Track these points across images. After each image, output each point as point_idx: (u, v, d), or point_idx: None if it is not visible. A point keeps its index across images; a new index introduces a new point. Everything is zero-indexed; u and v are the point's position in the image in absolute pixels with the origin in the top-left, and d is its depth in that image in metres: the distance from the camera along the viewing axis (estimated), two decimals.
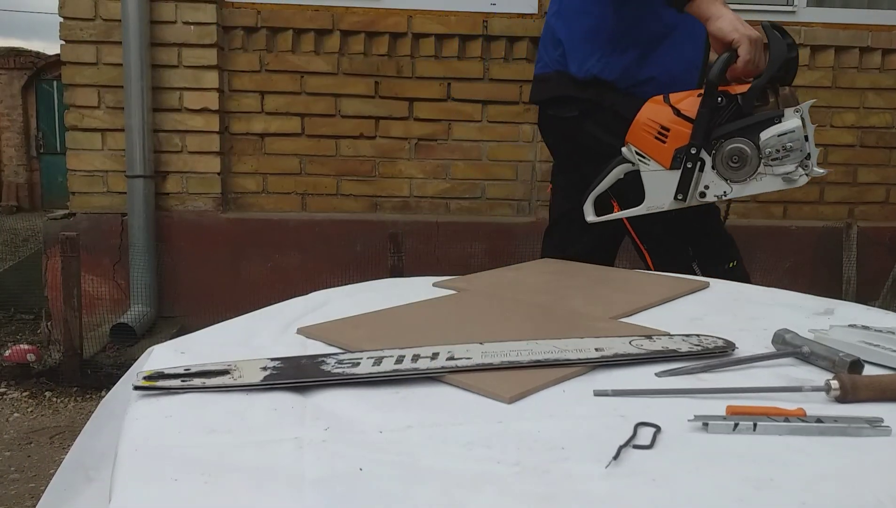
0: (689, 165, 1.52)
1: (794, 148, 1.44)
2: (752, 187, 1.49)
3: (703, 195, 1.53)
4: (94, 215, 3.45)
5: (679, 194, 1.54)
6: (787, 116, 1.46)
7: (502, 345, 0.87)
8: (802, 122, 1.45)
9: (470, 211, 3.65)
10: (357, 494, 0.55)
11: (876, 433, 0.66)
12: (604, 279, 1.39)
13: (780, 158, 1.46)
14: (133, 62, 3.26)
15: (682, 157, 1.53)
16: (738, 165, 1.49)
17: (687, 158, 1.52)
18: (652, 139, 1.56)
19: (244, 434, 0.66)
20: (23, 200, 14.33)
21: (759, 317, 1.09)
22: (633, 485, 0.57)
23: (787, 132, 1.45)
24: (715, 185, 1.51)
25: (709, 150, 1.51)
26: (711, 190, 1.52)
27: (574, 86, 1.82)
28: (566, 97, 1.85)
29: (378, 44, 3.50)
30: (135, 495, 0.56)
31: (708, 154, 1.52)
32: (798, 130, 1.45)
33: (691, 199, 1.54)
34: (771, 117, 1.47)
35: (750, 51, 1.51)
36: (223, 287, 3.42)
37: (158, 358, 0.86)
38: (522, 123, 3.60)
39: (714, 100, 1.50)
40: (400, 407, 0.72)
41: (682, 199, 1.54)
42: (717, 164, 1.51)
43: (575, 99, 1.83)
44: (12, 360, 3.15)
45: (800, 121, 1.45)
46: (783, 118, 1.46)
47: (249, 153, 3.57)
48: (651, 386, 0.78)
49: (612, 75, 1.75)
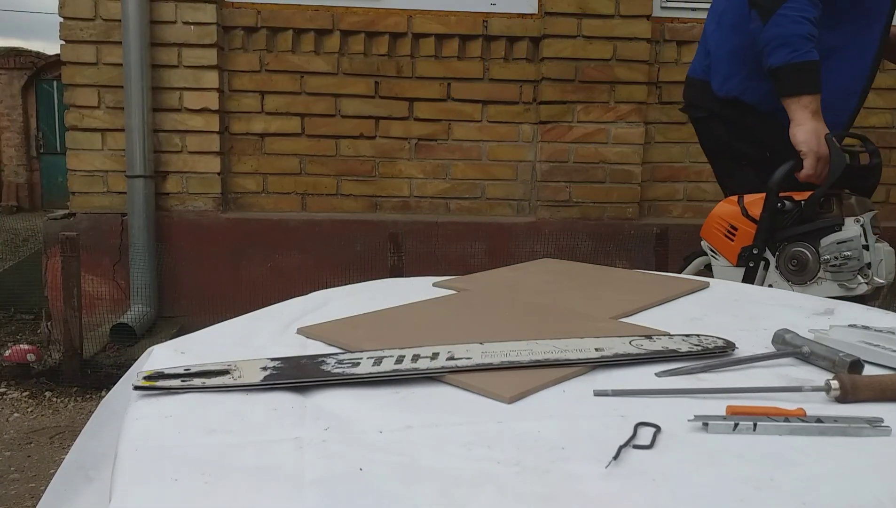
0: (752, 264, 1.62)
1: (852, 257, 1.50)
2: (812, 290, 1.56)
3: None
4: (94, 215, 3.45)
5: None
6: (846, 225, 1.52)
7: (502, 345, 0.87)
8: (863, 231, 1.51)
9: (470, 211, 3.65)
10: (357, 494, 0.55)
11: (876, 433, 0.66)
12: (604, 279, 1.39)
13: (838, 265, 1.52)
14: (133, 62, 3.26)
15: (746, 256, 1.63)
16: (797, 268, 1.58)
17: (749, 257, 1.63)
18: (722, 237, 1.68)
19: (244, 434, 0.66)
20: (23, 200, 14.33)
21: (759, 317, 1.09)
22: (633, 485, 0.57)
23: (845, 240, 1.51)
24: (778, 284, 1.61)
25: (773, 251, 1.61)
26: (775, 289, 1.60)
27: (715, 101, 1.84)
28: (704, 107, 1.88)
29: (378, 44, 3.50)
30: (135, 495, 0.56)
31: (772, 255, 1.61)
32: (856, 240, 1.51)
33: None
34: (832, 225, 1.54)
35: (813, 166, 1.58)
36: (223, 287, 3.42)
37: (158, 358, 0.86)
38: (522, 123, 3.60)
39: (774, 204, 1.59)
40: (400, 407, 0.72)
41: None
42: (780, 265, 1.60)
43: (715, 114, 1.85)
44: (12, 360, 3.15)
45: (860, 230, 1.51)
46: (843, 227, 1.52)
47: (249, 153, 3.57)
48: (651, 386, 0.78)
49: (753, 99, 1.76)
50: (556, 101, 3.52)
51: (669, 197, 3.70)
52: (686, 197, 3.70)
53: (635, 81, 3.52)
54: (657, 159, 3.65)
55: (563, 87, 3.51)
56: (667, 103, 3.61)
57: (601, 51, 3.49)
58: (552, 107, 3.53)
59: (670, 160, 3.66)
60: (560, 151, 3.56)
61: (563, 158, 3.57)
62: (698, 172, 3.67)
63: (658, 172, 3.67)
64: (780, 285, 1.61)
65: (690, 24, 3.52)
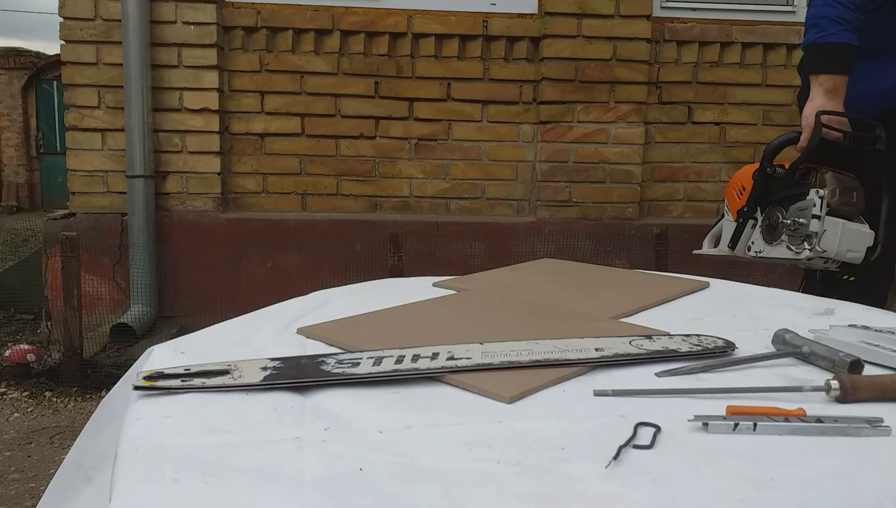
0: (741, 220, 1.77)
1: (802, 224, 1.61)
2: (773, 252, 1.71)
3: (749, 249, 1.77)
4: (94, 215, 3.45)
5: (730, 243, 1.81)
6: (810, 194, 1.63)
7: (502, 345, 0.87)
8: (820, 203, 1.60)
9: (470, 211, 3.65)
10: (357, 494, 0.55)
11: (876, 433, 0.66)
12: (604, 279, 1.39)
13: (792, 230, 1.64)
14: (133, 62, 3.26)
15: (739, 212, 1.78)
16: (768, 228, 1.71)
17: (739, 216, 1.77)
18: (734, 195, 1.82)
19: (244, 434, 0.66)
20: (23, 200, 14.33)
21: (759, 317, 1.09)
22: (633, 485, 0.57)
23: (802, 208, 1.63)
24: (756, 243, 1.75)
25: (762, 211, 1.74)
26: (754, 246, 1.76)
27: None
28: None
29: (378, 44, 3.50)
30: (135, 495, 0.56)
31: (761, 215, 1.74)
32: (810, 209, 1.61)
33: (738, 250, 1.78)
34: (800, 194, 1.65)
35: (806, 140, 1.70)
36: (223, 287, 3.42)
37: (158, 358, 0.86)
38: (522, 123, 3.60)
39: (765, 168, 1.72)
40: (400, 407, 0.72)
41: (731, 247, 1.81)
42: (762, 224, 1.74)
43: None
44: (12, 360, 3.15)
45: (817, 201, 1.61)
46: (806, 196, 1.63)
47: (249, 153, 3.57)
48: (651, 386, 0.78)
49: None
50: (556, 101, 3.52)
51: (669, 197, 3.70)
52: (686, 197, 3.70)
53: (635, 81, 3.52)
54: (657, 159, 3.65)
55: (563, 87, 3.51)
56: (667, 103, 3.61)
57: (601, 51, 3.49)
58: (552, 107, 3.53)
59: (670, 160, 3.66)
60: (560, 151, 3.56)
61: (563, 158, 3.57)
62: (698, 172, 3.67)
63: (658, 172, 3.67)
64: (758, 243, 1.74)
65: (690, 24, 3.52)
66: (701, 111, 3.63)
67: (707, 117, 3.64)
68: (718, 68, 3.58)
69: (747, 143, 3.66)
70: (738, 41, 3.54)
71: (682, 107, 3.63)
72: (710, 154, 3.67)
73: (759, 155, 3.09)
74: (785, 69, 3.60)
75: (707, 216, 3.66)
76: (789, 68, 3.59)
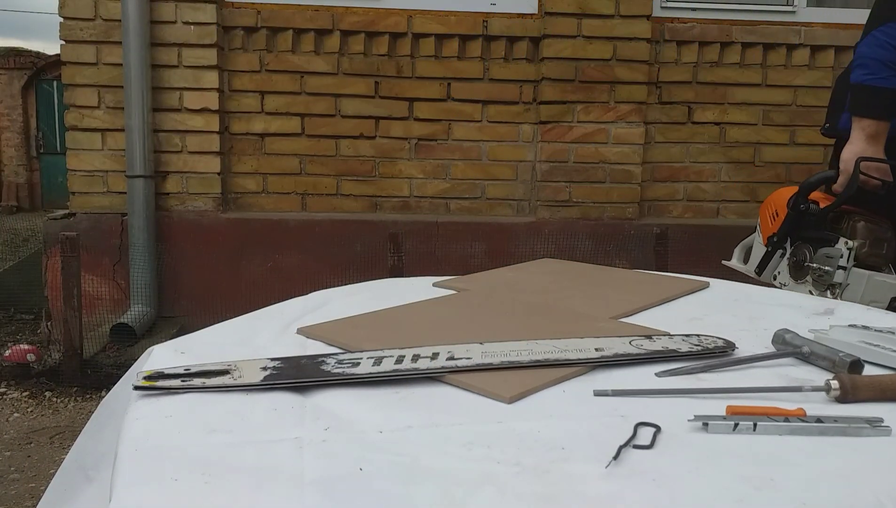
0: (770, 248, 1.78)
1: (828, 272, 1.62)
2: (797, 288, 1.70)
3: (774, 278, 1.78)
4: (94, 215, 3.45)
5: (757, 268, 1.82)
6: (839, 243, 1.63)
7: (502, 345, 0.87)
8: (847, 254, 1.60)
9: (470, 211, 3.65)
10: (357, 494, 0.55)
11: (876, 433, 0.66)
12: (604, 279, 1.39)
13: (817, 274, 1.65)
14: (133, 62, 3.26)
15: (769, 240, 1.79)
16: (795, 265, 1.72)
17: (769, 243, 1.78)
18: (767, 218, 1.83)
19: (244, 434, 0.66)
20: (23, 200, 14.32)
21: (759, 317, 1.09)
22: (633, 485, 0.57)
23: (831, 257, 1.63)
24: (782, 274, 1.76)
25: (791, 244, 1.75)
26: (780, 277, 1.77)
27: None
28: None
29: (378, 44, 3.50)
30: (135, 495, 0.56)
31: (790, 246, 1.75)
32: (836, 259, 1.62)
33: (765, 277, 1.80)
34: (830, 239, 1.66)
35: (843, 184, 1.69)
36: (223, 287, 3.42)
37: (158, 358, 0.86)
38: (522, 123, 3.60)
39: (799, 203, 1.72)
40: (400, 407, 0.72)
41: (758, 273, 1.82)
42: (790, 259, 1.74)
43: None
44: (12, 360, 3.15)
45: (845, 252, 1.61)
46: (835, 243, 1.64)
47: (249, 153, 3.57)
48: (651, 386, 0.78)
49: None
50: (556, 101, 3.52)
51: (669, 197, 3.70)
52: (686, 197, 3.70)
53: (635, 81, 3.52)
54: (657, 159, 3.65)
55: (563, 87, 3.51)
56: (667, 103, 3.61)
57: (601, 51, 3.49)
58: (552, 107, 3.53)
59: (670, 160, 3.66)
60: (560, 151, 3.56)
61: (563, 158, 3.57)
62: (698, 172, 3.67)
63: (658, 172, 3.67)
64: (783, 275, 1.75)
65: (690, 24, 3.52)
66: (701, 111, 3.63)
67: (707, 117, 3.64)
68: (718, 68, 3.58)
69: (747, 143, 3.66)
70: (738, 41, 3.54)
71: (682, 107, 3.63)
72: (710, 154, 3.67)
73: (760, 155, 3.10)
74: (785, 69, 3.60)
75: (707, 216, 3.67)
76: (789, 68, 3.60)
